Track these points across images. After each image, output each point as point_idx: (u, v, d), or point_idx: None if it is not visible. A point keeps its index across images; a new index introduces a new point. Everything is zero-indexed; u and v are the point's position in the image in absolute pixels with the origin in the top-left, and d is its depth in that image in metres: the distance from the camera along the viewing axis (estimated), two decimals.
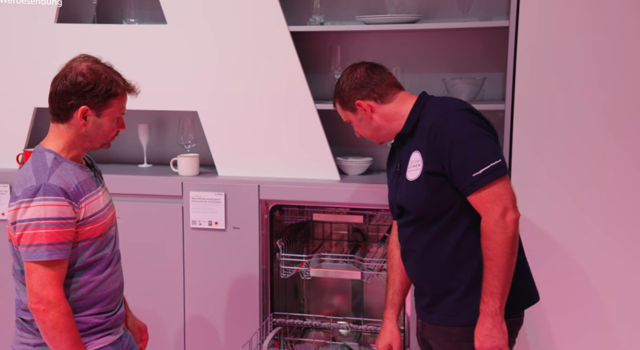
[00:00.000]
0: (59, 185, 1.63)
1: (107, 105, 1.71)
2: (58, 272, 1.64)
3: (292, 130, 2.57)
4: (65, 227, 1.63)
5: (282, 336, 2.70)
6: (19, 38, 2.64)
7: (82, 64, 1.71)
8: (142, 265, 2.62)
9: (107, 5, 2.86)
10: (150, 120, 2.90)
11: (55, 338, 1.63)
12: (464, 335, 1.77)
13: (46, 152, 1.70)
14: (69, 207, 1.64)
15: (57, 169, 1.66)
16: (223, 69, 2.58)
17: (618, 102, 2.19)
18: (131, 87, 1.78)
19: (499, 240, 1.64)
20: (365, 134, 1.94)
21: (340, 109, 1.95)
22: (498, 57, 2.51)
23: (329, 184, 2.51)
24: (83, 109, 1.68)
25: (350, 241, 2.89)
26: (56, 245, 1.62)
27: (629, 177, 2.21)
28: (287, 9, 2.56)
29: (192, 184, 2.57)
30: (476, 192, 1.66)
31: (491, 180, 1.65)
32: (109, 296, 1.78)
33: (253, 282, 2.55)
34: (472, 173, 1.66)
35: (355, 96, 1.88)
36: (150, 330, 2.67)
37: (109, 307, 1.79)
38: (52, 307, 1.61)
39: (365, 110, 1.86)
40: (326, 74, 2.70)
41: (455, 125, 1.71)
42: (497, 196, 1.65)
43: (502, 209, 1.64)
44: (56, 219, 1.62)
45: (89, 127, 1.71)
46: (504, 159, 1.69)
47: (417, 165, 1.77)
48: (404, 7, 2.64)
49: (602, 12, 2.17)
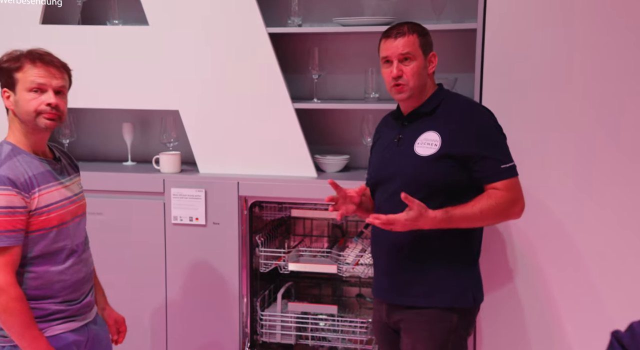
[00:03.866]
0: (7, 175, 1.71)
1: (14, 79, 1.78)
2: (7, 259, 1.70)
3: (271, 129, 2.65)
4: (14, 215, 1.70)
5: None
6: (3, 39, 2.70)
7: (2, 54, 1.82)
8: (125, 259, 2.70)
9: (92, 7, 2.93)
10: (134, 119, 2.98)
11: (7, 321, 1.72)
12: (438, 316, 1.89)
13: (5, 144, 1.80)
14: (17, 197, 1.71)
15: (10, 160, 1.74)
16: (203, 69, 2.66)
17: (583, 98, 2.28)
18: (42, 57, 1.80)
19: (506, 206, 1.85)
20: (414, 78, 1.92)
21: (414, 41, 1.92)
22: (469, 58, 2.60)
23: (307, 180, 2.59)
24: (4, 91, 1.80)
25: (330, 237, 2.97)
26: (4, 232, 1.69)
27: (597, 172, 2.30)
28: (266, 11, 2.63)
29: (174, 181, 2.64)
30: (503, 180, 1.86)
31: (513, 176, 1.88)
32: (71, 286, 1.84)
33: (233, 275, 2.63)
34: (501, 165, 1.86)
35: (432, 48, 1.98)
36: (133, 322, 2.76)
37: (72, 297, 1.85)
38: (2, 293, 1.69)
39: (432, 63, 1.97)
40: (304, 74, 2.78)
41: (484, 117, 1.94)
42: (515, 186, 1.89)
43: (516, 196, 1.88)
44: (4, 207, 1.69)
45: (14, 107, 1.79)
46: None
47: (433, 144, 1.88)
48: (380, 10, 2.72)
49: (565, 15, 2.26)
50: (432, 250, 1.91)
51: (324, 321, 2.73)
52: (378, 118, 2.61)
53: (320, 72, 2.70)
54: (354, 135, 2.80)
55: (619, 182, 2.28)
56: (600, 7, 2.23)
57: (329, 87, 2.84)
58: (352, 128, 2.82)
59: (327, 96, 2.84)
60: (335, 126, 2.87)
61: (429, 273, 1.92)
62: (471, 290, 1.94)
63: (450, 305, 1.91)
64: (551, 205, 2.34)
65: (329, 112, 2.83)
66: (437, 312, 1.91)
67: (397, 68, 1.91)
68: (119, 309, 2.73)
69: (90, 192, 2.68)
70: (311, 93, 2.76)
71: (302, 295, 2.97)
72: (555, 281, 2.37)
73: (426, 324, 1.92)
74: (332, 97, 2.85)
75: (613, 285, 2.32)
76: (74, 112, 2.89)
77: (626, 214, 2.28)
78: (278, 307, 2.72)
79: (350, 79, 2.81)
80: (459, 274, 1.93)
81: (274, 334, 2.73)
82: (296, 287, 2.94)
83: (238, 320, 2.66)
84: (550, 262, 2.36)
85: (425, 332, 1.93)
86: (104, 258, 2.72)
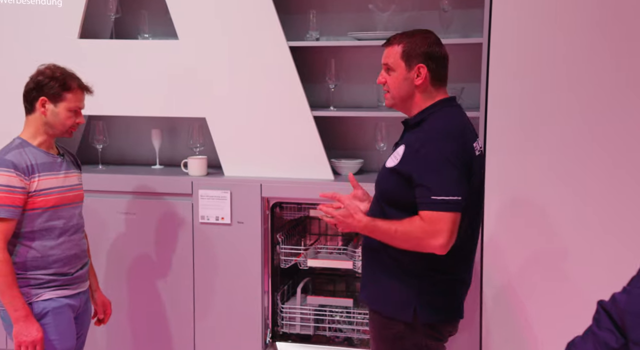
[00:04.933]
0: (11, 160, 2.07)
1: (61, 97, 2.14)
2: (2, 227, 2.04)
3: (291, 135, 2.85)
4: (13, 193, 2.06)
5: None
6: (45, 51, 2.92)
7: (43, 67, 2.18)
8: (156, 255, 2.91)
9: (124, 21, 3.14)
10: (162, 126, 3.19)
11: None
12: (383, 323, 1.94)
13: (16, 139, 2.18)
14: (17, 178, 2.06)
15: (18, 150, 2.12)
16: (229, 80, 2.87)
17: (582, 106, 2.48)
18: (85, 86, 2.21)
19: (420, 236, 1.78)
20: (393, 88, 1.92)
21: (396, 52, 1.91)
22: (475, 69, 2.80)
23: (324, 182, 2.80)
24: (42, 100, 2.14)
25: (343, 236, 3.17)
26: (3, 206, 2.04)
27: (597, 177, 2.49)
28: (287, 26, 2.85)
29: (201, 183, 2.85)
30: (428, 211, 1.77)
31: (440, 210, 1.76)
32: (63, 260, 2.18)
33: (255, 271, 2.83)
34: (432, 196, 1.76)
35: (423, 59, 1.88)
36: (163, 313, 2.97)
37: (64, 270, 2.19)
38: None
39: (419, 76, 1.88)
40: (322, 84, 2.99)
41: (436, 148, 1.80)
42: (438, 221, 1.76)
43: (436, 229, 1.76)
44: (4, 185, 2.05)
45: (49, 115, 2.15)
46: (463, 198, 1.78)
47: (396, 158, 1.88)
48: (392, 25, 2.93)
49: (565, 30, 2.46)
50: (385, 257, 1.92)
51: (340, 314, 2.93)
52: (390, 125, 2.84)
53: (336, 82, 2.92)
54: (368, 140, 3.02)
55: (617, 189, 2.48)
56: (599, 20, 2.42)
57: (345, 96, 3.06)
58: (366, 134, 3.03)
59: (343, 104, 3.05)
60: (350, 132, 3.08)
61: (379, 279, 1.96)
62: (414, 306, 1.88)
63: (391, 315, 1.92)
64: (551, 208, 2.54)
65: (344, 119, 3.04)
66: (382, 319, 1.95)
67: (381, 75, 1.96)
68: (150, 302, 2.97)
69: (124, 194, 2.93)
70: (328, 101, 2.98)
71: (318, 290, 3.17)
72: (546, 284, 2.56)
73: (375, 327, 2.00)
74: (347, 106, 3.06)
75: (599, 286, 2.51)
76: (107, 119, 3.11)
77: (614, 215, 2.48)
78: (297, 301, 2.92)
79: (364, 88, 3.02)
80: (402, 287, 1.90)
81: (294, 325, 2.93)
82: (313, 283, 3.14)
83: (260, 313, 2.86)
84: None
85: (375, 332, 2.00)
86: (137, 254, 2.95)
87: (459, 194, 1.78)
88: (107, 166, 3.15)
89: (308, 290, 3.08)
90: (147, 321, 2.95)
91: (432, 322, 1.91)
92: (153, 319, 2.94)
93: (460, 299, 2.00)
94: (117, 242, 2.93)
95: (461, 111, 1.97)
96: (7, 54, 3.01)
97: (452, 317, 1.97)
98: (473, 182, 1.88)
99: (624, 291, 1.17)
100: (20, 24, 2.99)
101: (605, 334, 1.17)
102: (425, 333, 1.91)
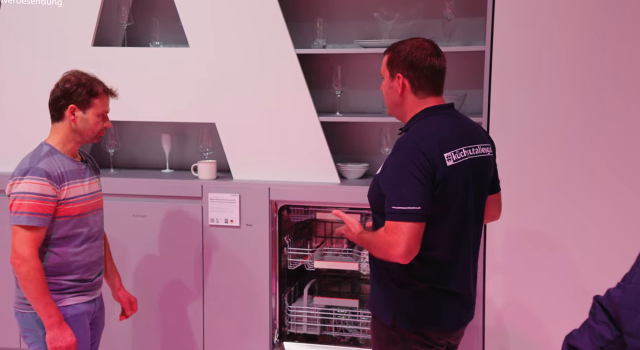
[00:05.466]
0: (44, 168, 2.08)
1: (89, 103, 2.16)
2: (34, 236, 2.06)
3: (298, 140, 2.93)
4: (45, 202, 2.07)
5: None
6: (60, 59, 3.00)
7: (68, 74, 2.19)
8: (167, 256, 2.98)
9: (136, 29, 3.23)
10: (172, 130, 3.27)
11: (26, 287, 2.07)
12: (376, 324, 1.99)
13: (44, 145, 2.17)
14: (50, 187, 2.07)
15: (47, 158, 2.11)
16: (238, 86, 2.95)
17: (583, 113, 2.56)
18: (109, 90, 2.23)
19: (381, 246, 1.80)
20: (384, 97, 1.97)
21: (384, 61, 1.93)
22: (477, 76, 2.88)
23: (330, 186, 2.87)
24: (71, 107, 2.14)
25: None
26: (35, 214, 2.05)
27: (598, 182, 2.56)
28: (294, 34, 2.93)
29: (211, 186, 2.93)
30: (389, 221, 1.78)
31: (400, 221, 1.75)
32: (85, 266, 2.21)
33: (264, 272, 2.90)
34: (392, 206, 1.77)
35: (401, 69, 1.87)
36: (173, 313, 3.03)
37: (85, 276, 2.22)
38: (25, 262, 2.05)
39: (398, 85, 1.88)
40: (328, 90, 3.07)
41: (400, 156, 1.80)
42: (396, 231, 1.76)
43: (393, 240, 1.76)
44: (37, 194, 2.06)
45: (78, 122, 2.16)
46: (424, 208, 1.75)
47: (381, 167, 1.91)
48: (396, 32, 3.01)
49: (566, 38, 2.54)
50: (379, 265, 1.95)
51: (346, 314, 3.00)
52: (394, 130, 2.92)
53: (342, 89, 3.00)
54: (373, 145, 3.09)
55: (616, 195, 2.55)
56: (599, 28, 2.50)
57: (351, 102, 3.14)
58: (371, 139, 3.11)
59: (349, 110, 3.13)
60: (355, 137, 3.16)
61: (375, 284, 2.01)
62: (392, 310, 1.92)
63: (380, 319, 1.97)
64: (551, 212, 2.61)
65: (350, 124, 3.12)
66: (377, 322, 2.00)
67: (383, 86, 1.97)
68: (160, 303, 3.04)
69: (135, 197, 3.00)
70: (334, 107, 3.06)
71: (324, 291, 3.24)
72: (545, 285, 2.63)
73: (372, 330, 2.05)
74: (353, 111, 3.14)
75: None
76: (119, 124, 3.19)
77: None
78: (304, 301, 2.99)
79: (369, 94, 3.10)
80: (387, 293, 1.94)
81: (301, 325, 3.00)
82: (319, 284, 3.21)
83: (268, 313, 2.93)
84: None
85: (372, 333, 2.06)
86: (148, 255, 3.02)
87: (418, 204, 1.75)
88: (119, 170, 3.23)
89: (314, 291, 3.15)
90: (157, 321, 3.02)
91: (407, 328, 1.90)
92: (163, 319, 3.01)
93: (448, 310, 1.93)
94: (128, 244, 3.00)
95: (446, 119, 1.89)
96: (24, 62, 3.09)
97: (433, 326, 1.92)
98: (446, 192, 1.81)
99: (619, 287, 1.25)
100: (36, 32, 3.07)
101: (601, 326, 1.24)
102: (415, 340, 1.91)
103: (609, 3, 2.49)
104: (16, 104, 3.13)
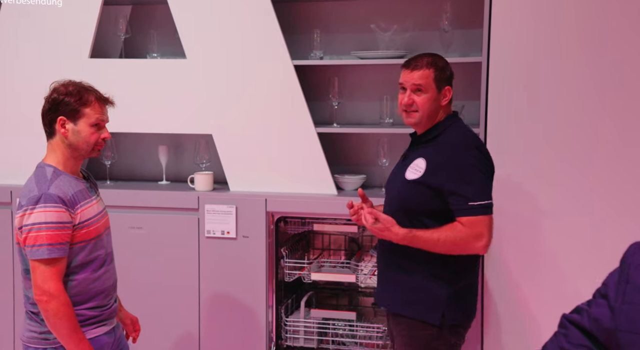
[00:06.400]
0: (57, 194, 1.90)
1: (80, 113, 1.96)
2: (57, 268, 1.89)
3: (295, 151, 2.92)
4: (63, 230, 1.89)
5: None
6: (57, 71, 2.99)
7: (57, 85, 2.00)
8: (163, 268, 2.96)
9: (133, 41, 3.23)
10: (169, 142, 3.26)
11: (56, 324, 1.90)
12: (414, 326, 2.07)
13: (46, 166, 1.97)
14: (66, 213, 1.90)
15: (55, 180, 1.93)
16: (235, 98, 2.95)
17: (581, 124, 2.55)
18: (104, 98, 2.04)
19: (464, 240, 1.98)
20: (423, 108, 2.10)
21: (428, 75, 2.09)
22: (474, 87, 2.87)
23: (328, 197, 2.86)
24: (60, 119, 1.96)
25: (346, 250, 3.23)
26: (55, 245, 1.87)
27: (596, 191, 2.55)
28: (291, 45, 2.93)
29: (207, 198, 2.92)
30: (467, 216, 1.98)
31: (479, 214, 1.98)
32: (104, 292, 2.04)
33: (260, 284, 2.88)
34: (469, 202, 1.97)
35: (449, 83, 2.13)
36: (168, 326, 3.00)
37: (104, 302, 2.05)
38: (53, 298, 1.88)
39: (446, 96, 2.12)
40: (325, 102, 3.07)
41: (467, 156, 2.02)
42: (479, 224, 1.98)
43: (479, 232, 1.98)
44: (55, 223, 1.88)
45: (70, 135, 1.96)
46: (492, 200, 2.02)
47: (418, 171, 2.06)
48: (393, 44, 3.02)
49: (562, 50, 2.54)
50: (411, 261, 2.07)
51: (343, 327, 2.97)
52: (392, 141, 2.91)
53: (339, 100, 3.00)
54: (370, 156, 3.08)
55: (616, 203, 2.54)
56: (597, 39, 2.50)
57: (348, 113, 3.13)
58: (369, 150, 3.10)
59: (346, 121, 3.13)
60: (353, 148, 3.15)
61: (405, 283, 2.09)
62: (441, 309, 2.04)
63: (423, 319, 2.05)
64: (550, 219, 2.60)
65: (347, 135, 3.12)
66: (413, 322, 2.07)
67: (409, 97, 2.10)
68: (156, 315, 3.00)
69: (131, 209, 2.99)
70: (331, 118, 3.05)
71: (321, 304, 3.21)
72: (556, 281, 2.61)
73: (405, 330, 2.10)
74: (350, 122, 3.14)
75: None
76: (115, 136, 3.17)
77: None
78: (301, 314, 2.97)
79: (366, 105, 3.10)
80: (430, 290, 2.05)
81: (298, 338, 2.97)
82: (316, 297, 3.19)
83: (265, 326, 2.90)
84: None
85: (405, 338, 2.10)
86: (144, 267, 2.99)
87: (490, 197, 2.01)
88: (115, 182, 3.22)
89: (311, 304, 3.12)
90: (153, 334, 2.99)
91: (456, 323, 2.07)
92: (159, 332, 2.98)
93: (475, 301, 2.19)
94: (124, 256, 2.97)
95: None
96: (19, 74, 3.09)
97: (469, 319, 2.15)
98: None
99: (602, 306, 1.12)
100: (32, 44, 3.07)
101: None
102: (453, 332, 2.07)
103: (604, 15, 2.49)
104: (9, 118, 3.12)
